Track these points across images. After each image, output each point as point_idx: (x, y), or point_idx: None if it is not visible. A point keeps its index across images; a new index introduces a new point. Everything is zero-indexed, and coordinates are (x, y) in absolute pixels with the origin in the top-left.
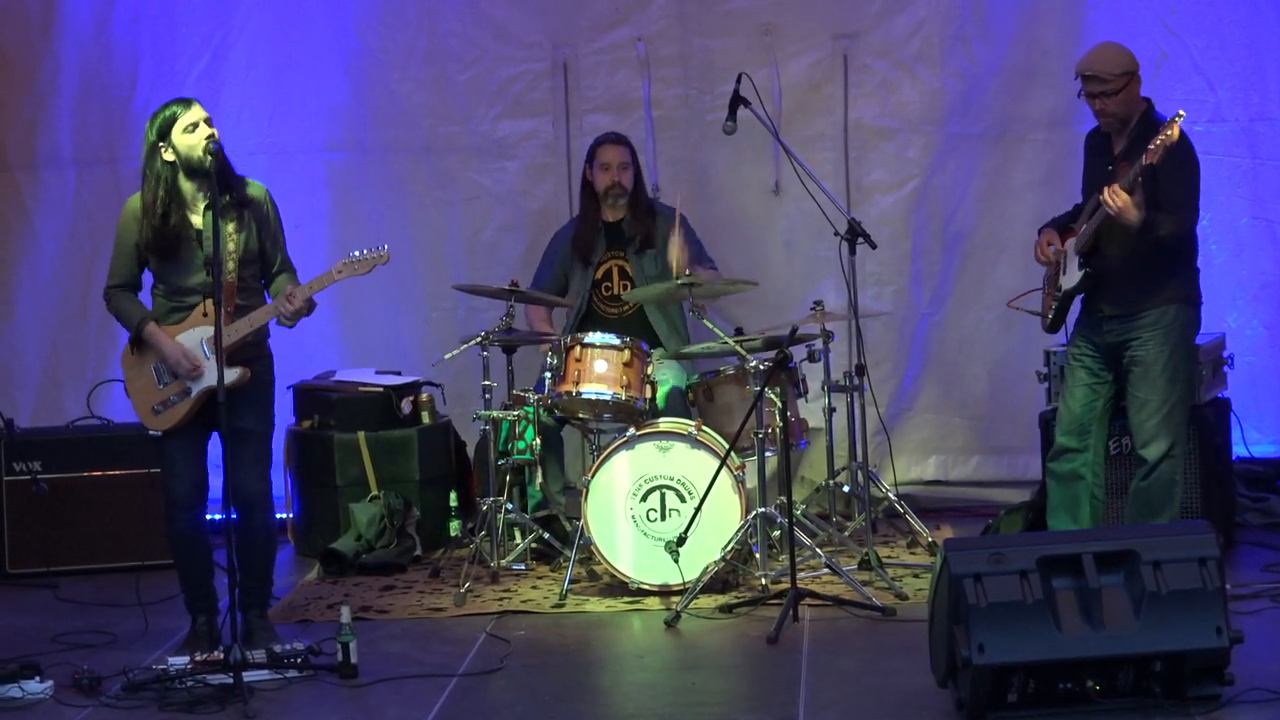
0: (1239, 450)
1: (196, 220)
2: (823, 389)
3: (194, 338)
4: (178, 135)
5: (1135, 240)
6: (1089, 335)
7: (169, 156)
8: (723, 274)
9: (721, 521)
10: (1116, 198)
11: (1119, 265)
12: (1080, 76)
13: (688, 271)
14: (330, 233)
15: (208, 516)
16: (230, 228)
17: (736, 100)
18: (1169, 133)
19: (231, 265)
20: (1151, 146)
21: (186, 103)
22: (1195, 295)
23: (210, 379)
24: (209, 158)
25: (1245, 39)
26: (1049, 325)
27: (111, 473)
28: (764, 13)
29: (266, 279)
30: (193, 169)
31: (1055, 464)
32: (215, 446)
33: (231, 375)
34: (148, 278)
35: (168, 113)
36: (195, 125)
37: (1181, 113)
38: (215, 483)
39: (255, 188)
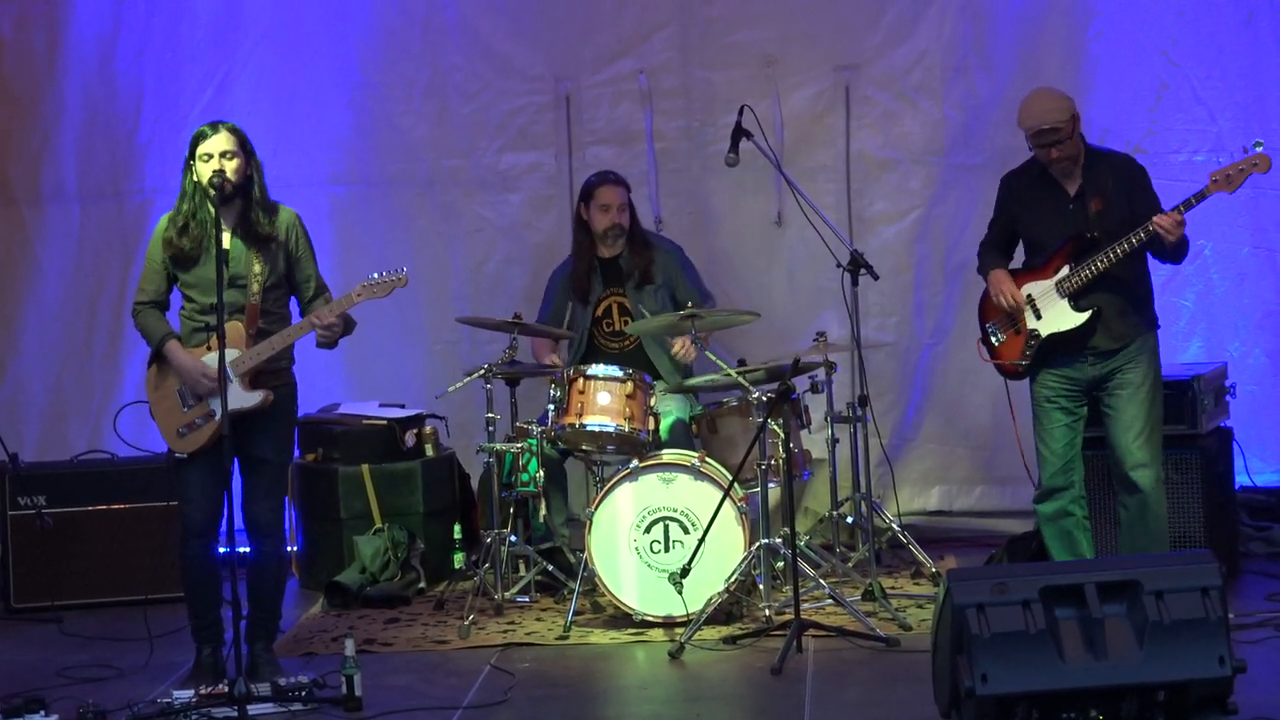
0: (1242, 479)
1: (224, 239)
2: (825, 420)
3: (214, 362)
4: (197, 161)
5: (1129, 272)
6: (1065, 373)
7: (194, 177)
8: (724, 306)
9: (725, 553)
10: (1177, 228)
11: (1111, 300)
12: (1032, 133)
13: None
14: (334, 266)
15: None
16: (255, 252)
17: (738, 132)
18: (1257, 163)
19: (256, 288)
20: (1231, 174)
21: (215, 127)
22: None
23: (236, 401)
24: (212, 190)
25: (1246, 69)
26: (1025, 370)
27: (116, 506)
28: (765, 45)
29: (300, 303)
30: (209, 195)
31: (1043, 506)
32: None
33: (254, 399)
34: (176, 299)
35: (197, 133)
36: (209, 156)
37: (1260, 141)
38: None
39: (286, 213)
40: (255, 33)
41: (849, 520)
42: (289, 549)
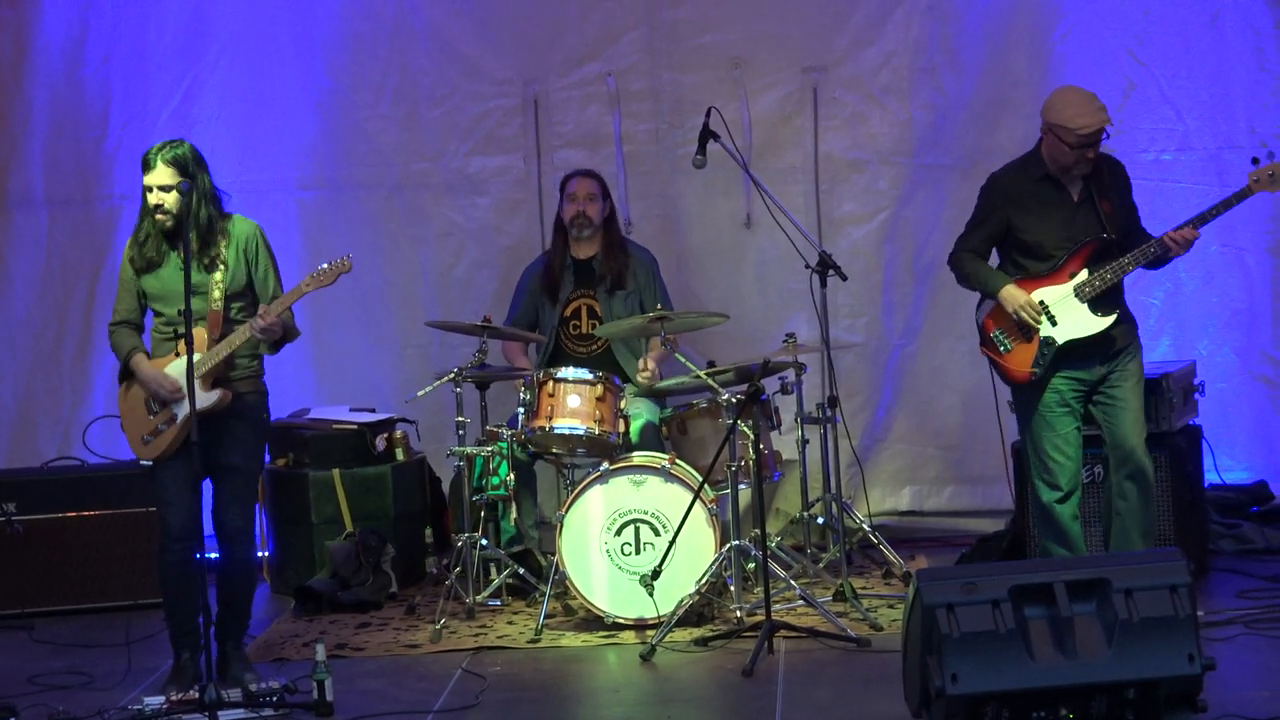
0: (1211, 477)
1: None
2: (796, 421)
3: (179, 368)
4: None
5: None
6: (1077, 375)
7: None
8: (693, 308)
9: (696, 554)
10: (1188, 244)
11: (1119, 303)
12: (1086, 134)
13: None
14: (303, 271)
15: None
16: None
17: (706, 134)
18: None
19: (218, 294)
20: (1275, 173)
21: (152, 160)
22: None
23: (197, 402)
24: (158, 218)
25: (1212, 68)
26: (1037, 379)
27: (86, 513)
28: (733, 47)
29: None
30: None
31: (1065, 507)
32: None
33: (211, 398)
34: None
35: (144, 158)
36: (150, 188)
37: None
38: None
39: (243, 225)
40: (222, 38)
41: (820, 521)
42: (260, 554)
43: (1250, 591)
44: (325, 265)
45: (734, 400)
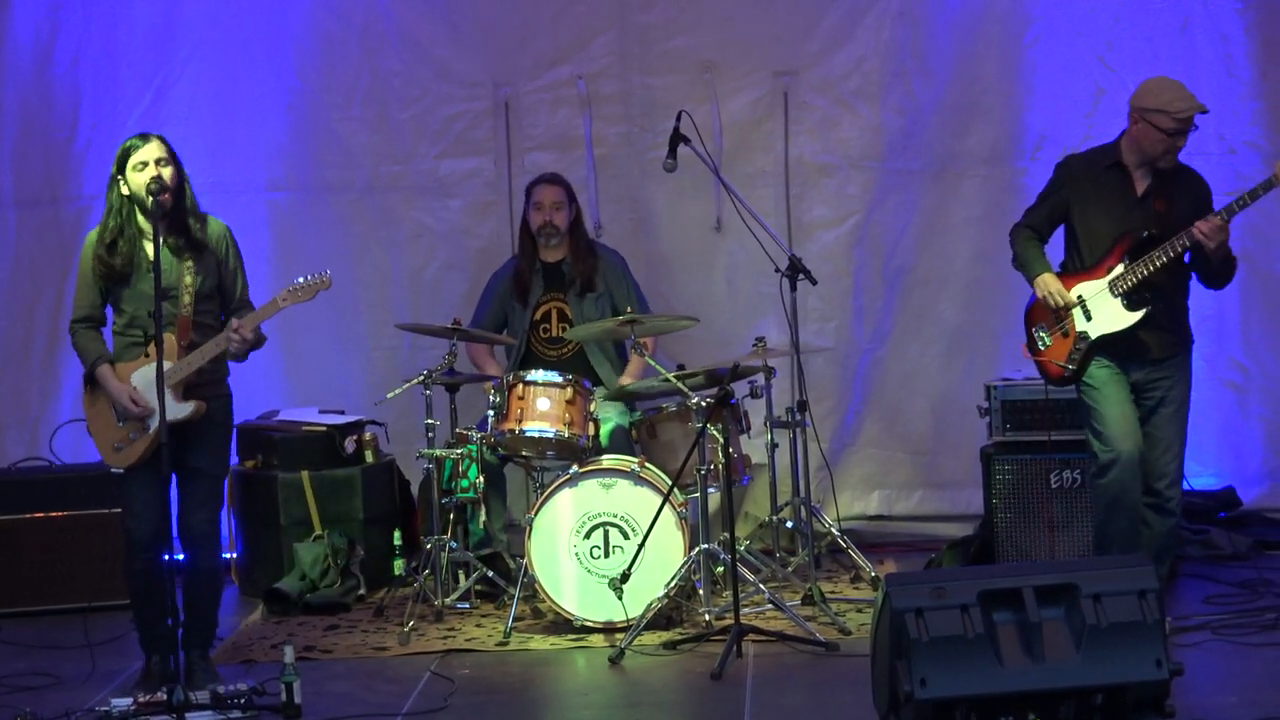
0: None
1: (152, 252)
2: (765, 425)
3: (146, 376)
4: (130, 171)
5: (1176, 283)
6: (1119, 364)
7: (124, 190)
8: (663, 311)
9: (665, 558)
10: (1218, 233)
11: (1159, 308)
12: (1183, 118)
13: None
14: (273, 272)
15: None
16: (188, 264)
17: (676, 138)
18: None
19: (188, 299)
20: None
21: (145, 138)
22: None
23: (169, 413)
24: (150, 198)
25: (1182, 75)
26: (1071, 375)
27: (54, 515)
28: (704, 50)
29: (226, 315)
30: (144, 206)
31: (1105, 479)
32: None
33: (186, 409)
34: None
35: (126, 146)
36: (144, 164)
37: None
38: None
39: (216, 225)
40: (193, 38)
41: (789, 525)
42: (228, 556)
43: (1218, 597)
44: (302, 280)
45: (703, 404)
